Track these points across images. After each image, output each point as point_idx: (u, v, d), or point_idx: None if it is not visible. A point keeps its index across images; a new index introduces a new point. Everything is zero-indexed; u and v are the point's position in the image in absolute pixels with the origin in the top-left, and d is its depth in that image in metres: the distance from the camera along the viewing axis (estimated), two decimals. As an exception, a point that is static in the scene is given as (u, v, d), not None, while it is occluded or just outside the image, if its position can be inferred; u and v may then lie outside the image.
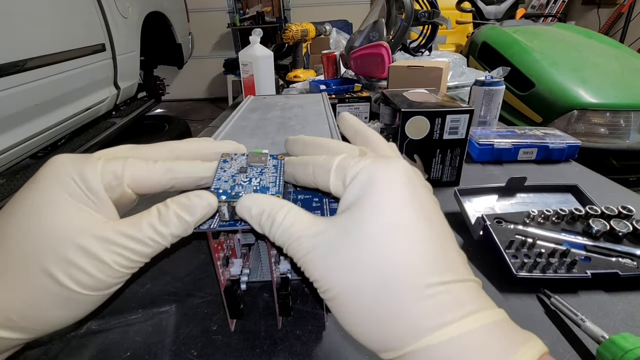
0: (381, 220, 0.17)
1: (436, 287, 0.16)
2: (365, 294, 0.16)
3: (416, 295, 0.16)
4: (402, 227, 0.17)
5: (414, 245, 0.17)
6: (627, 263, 0.35)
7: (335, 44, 1.30)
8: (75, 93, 1.57)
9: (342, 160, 0.20)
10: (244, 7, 3.89)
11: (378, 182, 0.18)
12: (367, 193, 0.18)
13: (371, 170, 0.19)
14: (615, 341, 0.26)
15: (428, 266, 0.16)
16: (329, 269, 0.17)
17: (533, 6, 3.66)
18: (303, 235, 0.19)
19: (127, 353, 0.30)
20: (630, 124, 1.22)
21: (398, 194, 0.18)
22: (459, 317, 0.15)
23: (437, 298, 0.16)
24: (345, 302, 0.17)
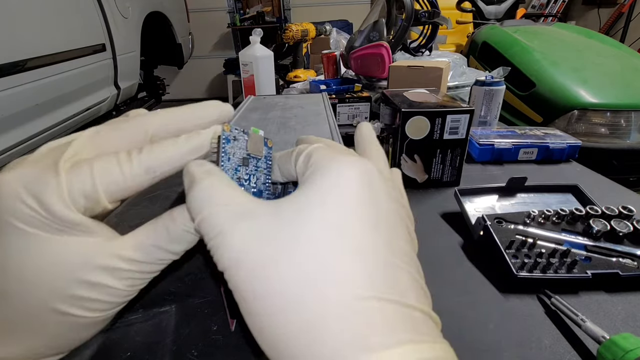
0: (324, 216, 0.15)
1: (367, 301, 0.13)
2: (287, 296, 0.14)
3: (342, 307, 0.13)
4: (345, 228, 0.15)
5: (354, 250, 0.14)
6: (628, 263, 0.35)
7: (336, 44, 1.30)
8: (75, 93, 1.57)
9: (315, 147, 0.18)
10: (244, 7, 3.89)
11: (333, 175, 0.16)
12: (315, 184, 0.16)
13: (333, 159, 0.16)
14: (615, 341, 0.26)
15: (364, 277, 0.14)
16: (242, 260, 0.15)
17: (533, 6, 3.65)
18: (227, 210, 0.16)
19: (127, 353, 0.30)
20: (630, 124, 1.22)
21: (350, 194, 0.15)
22: (386, 344, 0.12)
23: (365, 315, 0.13)
24: (256, 300, 0.14)
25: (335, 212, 0.15)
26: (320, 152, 0.17)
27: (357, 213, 0.15)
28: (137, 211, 0.53)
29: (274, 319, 0.14)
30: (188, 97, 4.15)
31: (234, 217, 0.15)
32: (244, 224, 0.15)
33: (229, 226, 0.15)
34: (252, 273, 0.14)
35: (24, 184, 0.15)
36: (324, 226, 0.15)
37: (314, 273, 0.14)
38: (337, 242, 0.14)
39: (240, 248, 0.15)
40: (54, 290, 0.16)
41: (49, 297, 0.16)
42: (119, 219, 0.51)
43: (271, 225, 0.15)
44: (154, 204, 0.55)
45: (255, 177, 0.20)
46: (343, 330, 0.13)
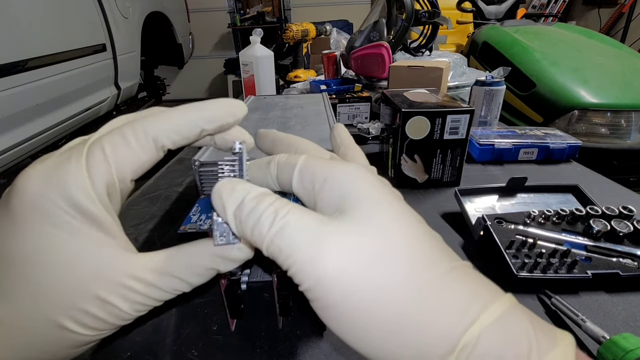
0: (383, 212, 0.15)
1: (449, 273, 0.14)
2: (386, 295, 0.14)
3: (438, 282, 0.14)
4: (405, 219, 0.16)
5: (420, 235, 0.15)
6: (628, 263, 0.35)
7: (336, 44, 1.30)
8: (75, 93, 1.57)
9: (307, 160, 0.18)
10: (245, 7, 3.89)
11: (360, 180, 0.16)
12: (356, 191, 0.16)
13: (346, 170, 0.17)
14: (616, 341, 0.26)
15: (435, 253, 0.15)
16: (340, 267, 0.14)
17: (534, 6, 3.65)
18: (298, 224, 0.15)
19: (127, 353, 0.30)
20: (631, 124, 1.22)
21: (382, 189, 0.17)
22: (486, 303, 0.14)
23: (458, 284, 0.14)
24: (361, 311, 0.14)
25: (390, 208, 0.16)
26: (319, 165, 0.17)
27: (397, 203, 0.16)
28: (137, 211, 0.53)
29: (376, 314, 0.14)
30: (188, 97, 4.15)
31: (312, 233, 0.15)
32: (325, 239, 0.15)
33: (310, 243, 0.15)
34: (349, 289, 0.14)
35: (51, 182, 0.15)
36: (391, 221, 0.15)
37: (403, 262, 0.14)
38: (409, 230, 0.15)
39: (328, 265, 0.14)
40: (62, 302, 0.16)
41: (56, 310, 0.16)
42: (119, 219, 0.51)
43: (349, 239, 0.15)
44: (154, 204, 0.55)
45: None
46: (450, 304, 0.14)
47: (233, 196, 0.16)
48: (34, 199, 0.15)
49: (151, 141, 0.17)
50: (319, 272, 0.14)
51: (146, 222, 0.50)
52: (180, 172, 0.66)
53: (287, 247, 0.15)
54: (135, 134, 0.17)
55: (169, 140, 0.18)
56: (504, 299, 0.14)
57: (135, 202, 0.56)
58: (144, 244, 0.45)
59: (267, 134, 0.23)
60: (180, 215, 0.51)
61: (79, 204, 0.15)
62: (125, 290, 0.16)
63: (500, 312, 0.14)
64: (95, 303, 0.16)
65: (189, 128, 0.18)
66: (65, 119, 1.52)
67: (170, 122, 0.18)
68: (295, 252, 0.15)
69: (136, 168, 0.17)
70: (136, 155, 0.17)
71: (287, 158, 0.18)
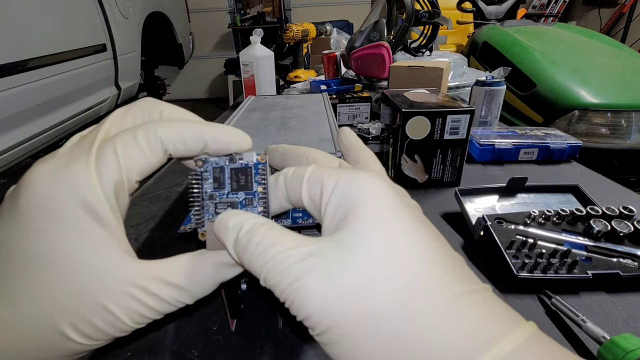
0: (388, 232, 0.14)
1: (464, 297, 0.13)
2: (379, 326, 0.13)
3: (447, 311, 0.13)
4: (412, 236, 0.15)
5: (429, 253, 0.14)
6: (628, 263, 0.35)
7: (336, 44, 1.30)
8: (76, 93, 1.57)
9: (314, 170, 0.17)
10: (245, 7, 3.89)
11: (368, 191, 0.15)
12: (359, 203, 0.15)
13: (354, 179, 0.16)
14: (616, 342, 0.26)
15: (447, 274, 0.14)
16: (330, 298, 0.14)
17: (534, 6, 3.65)
18: (288, 258, 0.15)
19: (127, 353, 0.30)
20: (631, 124, 1.22)
21: (393, 201, 0.15)
22: (502, 332, 0.13)
23: (470, 312, 0.13)
24: (356, 341, 0.13)
25: (398, 225, 0.15)
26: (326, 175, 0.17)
27: (409, 218, 0.15)
28: (137, 211, 0.53)
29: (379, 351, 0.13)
30: (189, 97, 4.15)
31: (304, 261, 0.14)
32: (319, 267, 0.14)
33: (303, 272, 0.14)
34: (337, 319, 0.14)
35: (61, 179, 0.15)
36: (397, 240, 0.14)
37: (410, 289, 0.13)
38: (418, 252, 0.14)
39: (314, 298, 0.14)
40: (65, 307, 0.15)
41: (59, 315, 0.15)
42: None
43: (345, 261, 0.14)
44: (154, 204, 0.55)
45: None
46: (457, 330, 0.13)
47: (228, 232, 0.16)
48: (42, 198, 0.15)
49: (160, 145, 0.17)
50: (308, 308, 0.14)
51: (146, 222, 0.50)
52: (180, 172, 0.66)
53: (279, 284, 0.15)
54: (147, 136, 0.17)
55: (173, 147, 0.18)
56: (525, 327, 0.13)
57: (136, 202, 0.56)
58: (144, 244, 0.45)
59: (276, 148, 0.22)
60: (180, 215, 0.51)
61: (88, 203, 0.15)
62: (127, 299, 0.16)
63: (519, 342, 0.13)
64: (97, 311, 0.15)
65: (194, 141, 0.18)
66: (66, 119, 1.52)
67: (180, 131, 0.18)
68: (286, 288, 0.14)
69: (143, 170, 0.17)
70: (145, 157, 0.17)
71: (295, 171, 0.18)
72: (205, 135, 0.18)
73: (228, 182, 0.19)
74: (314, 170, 0.17)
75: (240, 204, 0.19)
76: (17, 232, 0.15)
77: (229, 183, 0.19)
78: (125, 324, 0.16)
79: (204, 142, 0.18)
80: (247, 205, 0.19)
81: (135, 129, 0.17)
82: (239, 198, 0.19)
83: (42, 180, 0.15)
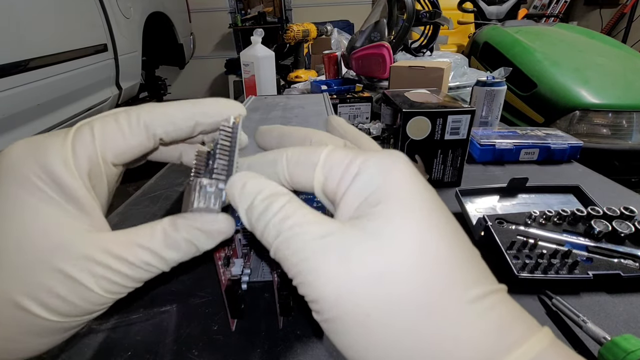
0: (416, 221, 0.13)
1: (487, 297, 0.13)
2: (399, 316, 0.12)
3: (471, 309, 0.12)
4: (439, 229, 0.14)
5: (455, 249, 0.13)
6: (629, 264, 0.35)
7: (337, 44, 1.30)
8: (77, 93, 1.58)
9: (332, 153, 0.16)
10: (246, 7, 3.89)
11: (394, 175, 0.14)
12: (386, 189, 0.14)
13: (379, 162, 0.15)
14: (617, 342, 0.26)
15: (471, 272, 0.13)
16: (346, 282, 0.13)
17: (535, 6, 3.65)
18: (306, 232, 0.14)
19: (128, 352, 0.30)
20: (632, 124, 1.22)
21: (419, 188, 0.14)
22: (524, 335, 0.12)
23: (493, 313, 0.13)
24: (369, 331, 0.13)
25: (425, 216, 0.14)
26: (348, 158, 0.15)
27: (437, 208, 0.14)
28: (137, 210, 0.53)
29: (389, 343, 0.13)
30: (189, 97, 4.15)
31: (318, 244, 0.13)
32: (337, 247, 0.13)
33: (320, 250, 0.13)
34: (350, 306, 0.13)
35: (32, 149, 0.15)
36: (424, 232, 0.13)
37: (431, 283, 0.13)
38: (444, 248, 0.13)
39: (331, 281, 0.13)
40: (19, 275, 0.14)
41: (12, 284, 0.14)
42: (120, 219, 0.51)
43: (367, 245, 0.13)
44: (155, 203, 0.55)
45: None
46: (480, 330, 0.12)
47: (244, 195, 0.15)
48: (11, 164, 0.15)
49: (142, 127, 0.17)
50: (320, 288, 0.13)
51: (147, 222, 0.50)
52: (181, 172, 0.66)
53: (291, 257, 0.14)
54: (128, 118, 0.17)
55: (162, 130, 0.17)
56: (540, 335, 0.13)
57: (136, 202, 0.56)
58: (144, 243, 0.45)
59: (271, 129, 0.20)
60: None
61: (55, 174, 0.15)
62: (91, 264, 0.14)
63: (542, 346, 0.12)
64: (57, 278, 0.14)
65: (183, 119, 0.18)
66: (67, 119, 1.52)
67: (165, 112, 0.17)
68: (299, 263, 0.14)
69: (122, 152, 0.17)
70: (124, 139, 0.16)
71: (302, 153, 0.16)
72: (195, 113, 0.18)
73: None
74: (330, 152, 0.16)
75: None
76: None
77: None
78: (95, 293, 0.15)
79: (194, 119, 0.18)
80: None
81: (117, 111, 0.17)
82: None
83: (15, 150, 0.15)
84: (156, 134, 0.17)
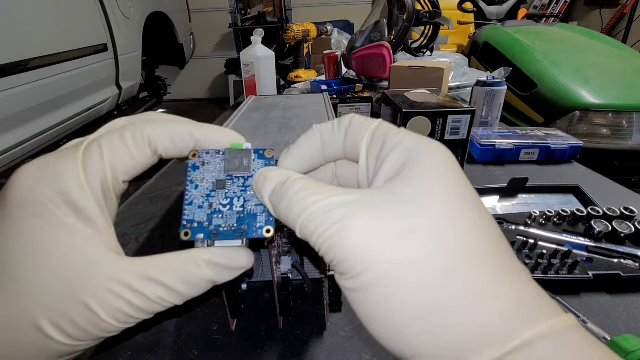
0: (444, 187, 0.14)
1: (515, 272, 0.13)
2: (426, 274, 0.12)
3: (498, 278, 0.12)
4: (468, 198, 0.14)
5: (483, 222, 0.14)
6: (630, 264, 0.35)
7: (337, 44, 1.30)
8: (77, 93, 1.58)
9: (382, 123, 0.16)
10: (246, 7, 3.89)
11: (432, 152, 0.15)
12: (421, 160, 0.14)
13: (420, 140, 0.15)
14: (617, 343, 0.26)
15: (500, 247, 0.13)
16: (373, 237, 0.13)
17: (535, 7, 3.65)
18: (331, 202, 0.14)
19: (128, 352, 0.30)
20: (632, 124, 1.22)
21: (453, 166, 0.15)
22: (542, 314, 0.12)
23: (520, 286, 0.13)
24: (393, 288, 0.12)
25: (454, 185, 0.14)
26: (398, 130, 0.16)
27: (467, 183, 0.15)
28: (138, 211, 0.53)
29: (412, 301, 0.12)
30: (189, 97, 4.15)
31: (349, 207, 0.14)
32: (364, 209, 0.13)
33: (347, 214, 0.13)
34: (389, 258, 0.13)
35: (45, 176, 0.15)
36: (452, 197, 0.14)
37: (459, 250, 0.13)
38: (472, 216, 0.13)
39: (368, 231, 0.13)
40: (42, 301, 0.15)
41: (35, 308, 0.15)
42: (120, 219, 0.51)
43: (395, 205, 0.13)
44: (155, 203, 0.55)
45: (242, 199, 0.18)
46: (506, 300, 0.12)
47: (267, 183, 0.16)
48: (26, 193, 0.15)
49: (147, 144, 0.17)
50: (349, 245, 0.13)
51: (147, 222, 0.50)
52: (181, 172, 0.66)
53: (317, 229, 0.14)
54: (133, 135, 0.17)
55: (163, 147, 0.17)
56: (565, 316, 0.12)
57: (136, 202, 0.56)
58: (144, 244, 0.45)
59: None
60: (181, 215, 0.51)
61: (71, 198, 0.15)
62: (108, 295, 0.15)
63: (561, 327, 0.12)
64: (75, 307, 0.15)
65: (183, 139, 0.18)
66: (67, 118, 1.52)
67: (167, 130, 0.17)
68: (325, 232, 0.14)
69: (130, 169, 0.17)
70: (132, 156, 0.17)
71: (360, 118, 0.17)
72: (195, 134, 0.18)
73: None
74: (381, 122, 0.16)
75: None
76: (3, 230, 0.15)
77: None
78: (108, 323, 0.15)
79: (194, 140, 0.18)
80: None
81: (123, 129, 0.17)
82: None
83: (27, 177, 0.15)
84: (157, 151, 0.17)
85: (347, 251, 0.13)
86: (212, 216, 0.17)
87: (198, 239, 0.17)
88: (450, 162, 0.15)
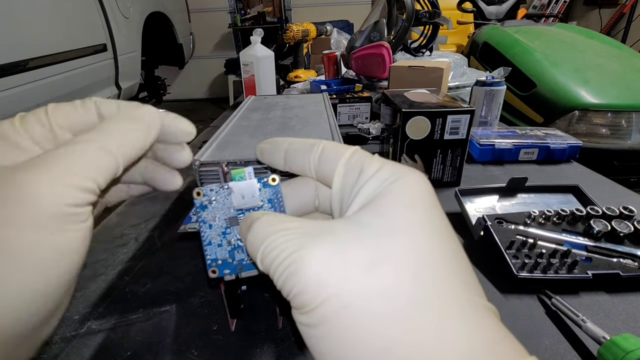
0: (412, 216, 0.13)
1: (481, 310, 0.12)
2: (384, 305, 0.12)
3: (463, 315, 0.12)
4: (436, 227, 0.14)
5: (447, 253, 0.13)
6: (629, 264, 0.35)
7: (336, 44, 1.30)
8: (76, 93, 1.58)
9: (356, 152, 0.16)
10: (245, 7, 3.89)
11: (405, 181, 0.14)
12: (393, 190, 0.14)
13: (397, 170, 0.15)
14: (616, 342, 0.26)
15: (467, 284, 0.13)
16: (333, 268, 0.12)
17: (534, 6, 3.65)
18: (294, 232, 0.14)
19: (127, 352, 0.30)
20: (631, 124, 1.22)
21: (428, 195, 0.14)
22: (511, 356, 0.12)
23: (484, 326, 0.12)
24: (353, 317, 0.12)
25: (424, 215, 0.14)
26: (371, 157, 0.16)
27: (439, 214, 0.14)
28: (137, 211, 0.53)
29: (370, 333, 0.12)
30: (189, 97, 4.15)
31: (309, 236, 0.13)
32: (325, 238, 0.13)
33: (306, 243, 0.13)
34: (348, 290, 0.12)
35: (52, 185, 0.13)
36: (421, 226, 0.13)
37: (423, 283, 0.12)
38: (439, 245, 0.13)
39: (328, 262, 0.12)
40: None
41: None
42: (120, 219, 0.51)
43: (359, 235, 0.13)
44: (155, 203, 0.55)
45: None
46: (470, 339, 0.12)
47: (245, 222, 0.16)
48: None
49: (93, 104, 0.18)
50: (306, 275, 0.13)
51: (146, 221, 0.50)
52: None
53: (275, 259, 0.14)
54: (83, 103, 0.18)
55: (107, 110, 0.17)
56: (530, 359, 0.12)
57: (136, 202, 0.56)
58: (144, 243, 0.45)
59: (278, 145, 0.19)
60: (180, 215, 0.51)
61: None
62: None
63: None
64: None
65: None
66: (66, 118, 1.52)
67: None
68: (283, 261, 0.13)
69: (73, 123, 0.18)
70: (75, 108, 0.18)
71: (333, 146, 0.16)
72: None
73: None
74: (356, 151, 0.16)
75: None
76: None
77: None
78: None
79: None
80: None
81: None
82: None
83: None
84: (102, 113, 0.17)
85: (305, 281, 0.12)
86: (233, 252, 0.18)
87: (225, 274, 0.18)
88: (422, 190, 0.14)
